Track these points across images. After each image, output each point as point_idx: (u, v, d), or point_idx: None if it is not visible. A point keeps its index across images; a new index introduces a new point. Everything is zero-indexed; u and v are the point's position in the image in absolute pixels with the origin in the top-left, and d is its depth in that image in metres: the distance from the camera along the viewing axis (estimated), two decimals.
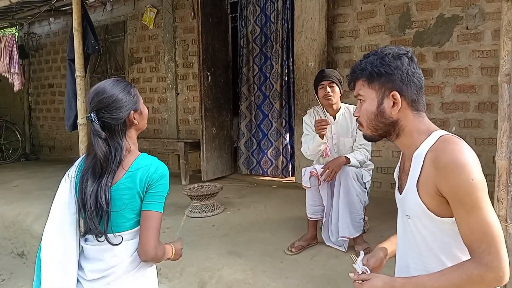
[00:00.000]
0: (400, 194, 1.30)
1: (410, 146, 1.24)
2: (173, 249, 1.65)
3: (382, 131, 1.27)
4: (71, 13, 7.12)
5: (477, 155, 1.15)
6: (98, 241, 1.48)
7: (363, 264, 1.31)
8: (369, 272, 1.27)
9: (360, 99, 1.29)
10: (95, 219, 1.45)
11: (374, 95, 1.24)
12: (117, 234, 1.48)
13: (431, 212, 1.16)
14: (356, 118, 1.34)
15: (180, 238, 1.91)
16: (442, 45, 4.17)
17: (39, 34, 8.50)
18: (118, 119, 1.48)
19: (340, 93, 3.17)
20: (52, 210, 1.55)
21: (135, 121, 1.54)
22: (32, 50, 8.57)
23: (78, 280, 1.51)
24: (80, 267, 1.52)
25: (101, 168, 1.46)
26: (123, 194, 1.46)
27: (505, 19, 1.86)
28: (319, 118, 3.13)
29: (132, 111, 1.53)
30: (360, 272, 1.28)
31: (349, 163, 3.00)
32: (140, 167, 1.47)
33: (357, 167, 3.03)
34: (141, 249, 1.46)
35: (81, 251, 1.55)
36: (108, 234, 1.47)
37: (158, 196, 1.47)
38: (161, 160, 1.54)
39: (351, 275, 1.27)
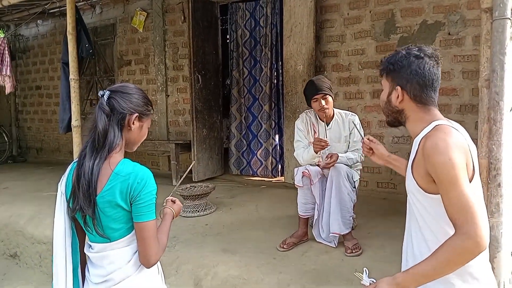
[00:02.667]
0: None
1: (414, 133, 1.43)
2: (173, 211, 1.74)
3: (392, 117, 1.50)
4: (60, 15, 7.21)
5: None
6: (87, 230, 1.53)
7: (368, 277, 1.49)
8: (374, 281, 1.43)
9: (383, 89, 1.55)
10: (86, 197, 1.45)
11: (387, 85, 1.49)
12: (108, 244, 1.51)
13: (421, 189, 1.34)
14: None
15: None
16: None
17: (26, 36, 8.45)
18: (122, 108, 1.52)
19: (333, 99, 3.25)
20: (56, 227, 1.60)
21: (132, 125, 1.55)
22: (19, 52, 8.51)
23: (86, 280, 1.59)
24: (87, 270, 1.60)
25: (99, 142, 1.49)
26: (104, 207, 1.46)
27: (484, 29, 2.00)
28: (316, 133, 3.25)
29: (136, 114, 1.55)
30: (368, 285, 1.45)
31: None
32: (119, 175, 1.46)
33: (346, 165, 3.16)
34: (143, 260, 1.49)
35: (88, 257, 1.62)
36: (98, 244, 1.52)
37: (147, 206, 1.46)
38: (152, 162, 1.58)
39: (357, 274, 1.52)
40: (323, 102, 3.15)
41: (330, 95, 3.19)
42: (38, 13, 6.21)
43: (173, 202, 1.81)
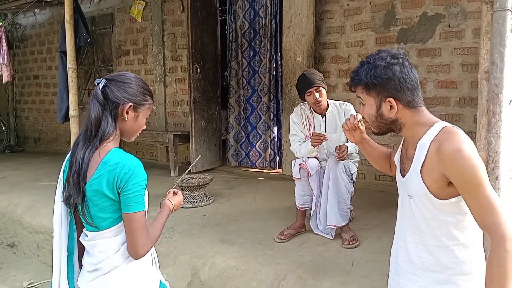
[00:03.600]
0: (403, 177, 1.44)
1: (413, 137, 1.38)
2: (173, 204, 1.71)
3: (385, 129, 1.43)
4: (57, 4, 7.15)
5: None
6: (81, 218, 1.54)
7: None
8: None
9: (361, 103, 1.46)
10: (75, 185, 1.47)
11: (372, 101, 1.40)
12: (97, 232, 1.52)
13: (432, 194, 1.31)
14: (362, 116, 1.51)
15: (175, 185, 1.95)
16: (425, 42, 4.32)
17: (24, 25, 8.40)
18: (116, 97, 1.50)
19: (326, 90, 3.24)
20: (54, 213, 1.62)
21: (126, 115, 1.53)
22: (16, 41, 8.47)
23: (83, 268, 1.61)
24: (84, 257, 1.61)
25: (92, 131, 1.49)
26: (92, 196, 1.47)
27: (485, 20, 1.98)
28: (312, 125, 3.24)
29: (130, 104, 1.53)
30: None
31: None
32: (107, 164, 1.45)
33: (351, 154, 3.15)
34: (131, 251, 1.48)
35: None
36: (90, 232, 1.53)
37: (135, 196, 1.45)
38: (150, 152, 1.58)
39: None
40: (317, 95, 3.14)
41: (323, 87, 3.19)
42: (35, 1, 6.15)
43: (175, 194, 1.79)
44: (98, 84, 1.53)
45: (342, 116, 3.28)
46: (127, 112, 1.53)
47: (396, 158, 1.55)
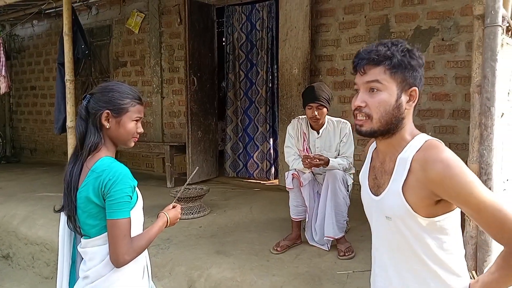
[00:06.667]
0: (376, 195, 1.28)
1: (395, 146, 1.23)
2: (168, 217, 1.69)
3: (389, 127, 1.20)
4: (56, 16, 7.20)
5: None
6: (69, 227, 1.60)
7: None
8: None
9: (373, 88, 1.20)
10: (67, 196, 1.55)
11: (394, 87, 1.19)
12: (88, 240, 1.54)
13: (416, 213, 1.17)
14: (358, 108, 1.23)
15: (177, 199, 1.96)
16: None
17: (22, 36, 8.44)
18: (93, 108, 1.55)
19: (328, 110, 3.20)
20: (60, 223, 1.67)
21: (106, 123, 1.54)
22: (14, 52, 8.49)
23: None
24: (80, 265, 1.62)
25: (78, 147, 1.57)
26: (81, 203, 1.51)
27: (477, 35, 2.03)
28: (306, 141, 3.27)
29: (106, 111, 1.53)
30: None
31: (327, 165, 3.10)
32: (95, 171, 1.48)
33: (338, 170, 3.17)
34: (111, 258, 1.48)
35: None
36: (84, 240, 1.56)
37: (118, 203, 1.45)
38: (146, 163, 1.61)
39: None
40: (316, 112, 3.13)
41: (325, 107, 3.15)
42: (34, 13, 6.20)
43: (173, 207, 1.79)
44: (83, 99, 1.59)
45: (337, 134, 3.27)
46: (107, 120, 1.54)
47: (363, 175, 1.38)
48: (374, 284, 1.36)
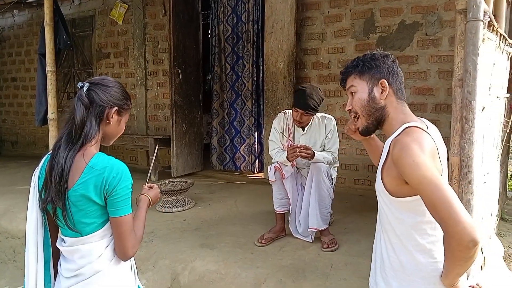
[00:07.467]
0: None
1: (388, 134, 1.43)
2: (149, 198, 1.71)
3: (374, 117, 1.45)
4: (37, 5, 7.04)
5: None
6: (58, 223, 1.51)
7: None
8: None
9: (352, 92, 1.49)
10: (57, 189, 1.44)
11: (365, 84, 1.45)
12: (79, 238, 1.50)
13: (387, 191, 1.35)
14: (348, 110, 1.52)
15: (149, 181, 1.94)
16: (403, 49, 4.42)
17: (2, 26, 8.24)
18: (102, 101, 1.51)
19: (316, 112, 3.20)
20: (28, 220, 1.58)
21: (111, 119, 1.54)
22: None
23: (58, 275, 1.58)
24: (59, 264, 1.58)
25: (76, 134, 1.47)
26: (76, 201, 1.44)
27: (459, 30, 2.04)
28: (291, 137, 3.26)
29: (116, 108, 1.55)
30: None
31: (312, 158, 3.11)
32: (94, 168, 1.44)
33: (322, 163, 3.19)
34: (120, 253, 1.49)
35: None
36: (70, 238, 1.50)
37: (123, 200, 1.45)
38: (130, 157, 1.57)
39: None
40: (300, 117, 3.15)
41: (311, 115, 3.17)
42: (14, 2, 6.05)
43: (151, 187, 1.79)
44: (81, 87, 1.52)
45: (322, 130, 3.28)
46: (112, 116, 1.54)
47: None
48: (375, 250, 1.52)
